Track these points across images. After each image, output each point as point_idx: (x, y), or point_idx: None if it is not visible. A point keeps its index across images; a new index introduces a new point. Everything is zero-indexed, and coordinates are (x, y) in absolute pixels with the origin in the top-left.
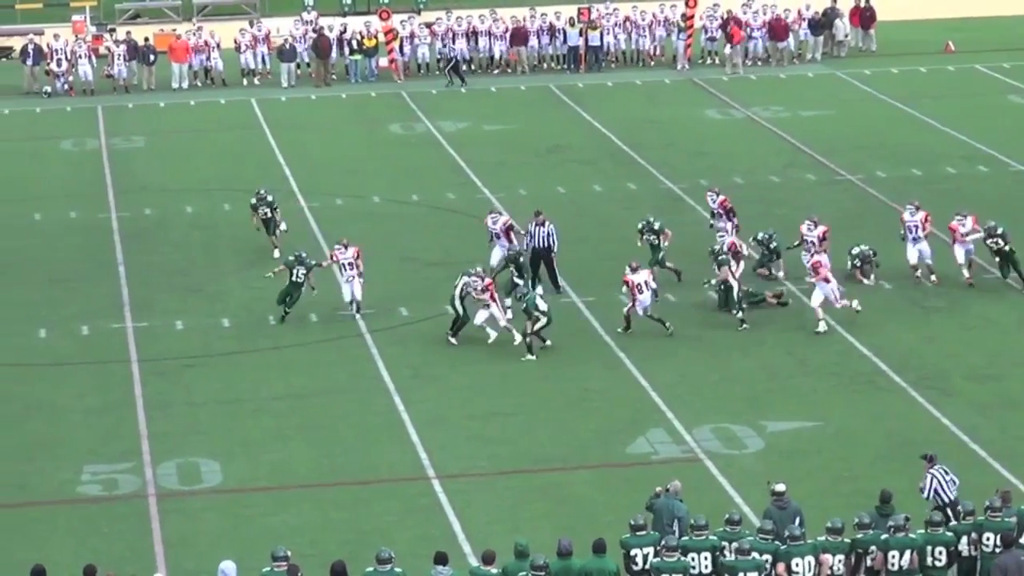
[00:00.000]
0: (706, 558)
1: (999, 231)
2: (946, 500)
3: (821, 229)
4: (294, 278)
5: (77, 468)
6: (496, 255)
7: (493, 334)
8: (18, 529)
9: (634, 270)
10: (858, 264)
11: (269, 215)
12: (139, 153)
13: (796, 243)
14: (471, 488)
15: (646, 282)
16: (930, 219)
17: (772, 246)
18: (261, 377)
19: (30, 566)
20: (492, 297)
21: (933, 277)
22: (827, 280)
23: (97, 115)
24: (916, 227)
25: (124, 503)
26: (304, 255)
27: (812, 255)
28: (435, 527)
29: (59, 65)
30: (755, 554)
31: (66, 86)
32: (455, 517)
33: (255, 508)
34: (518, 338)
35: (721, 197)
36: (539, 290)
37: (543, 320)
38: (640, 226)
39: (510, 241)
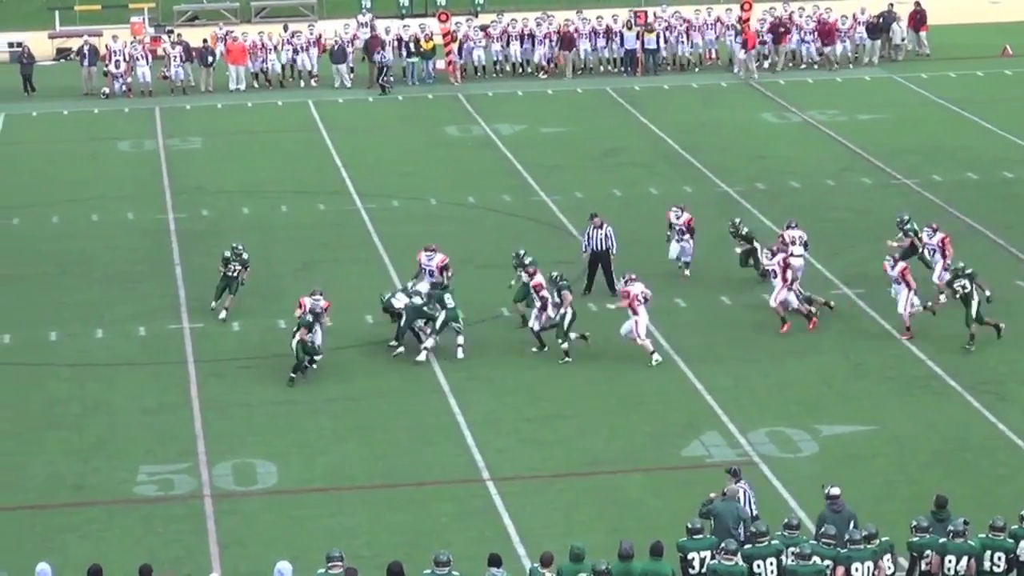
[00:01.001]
0: (771, 564)
1: (967, 271)
2: (748, 515)
3: (780, 257)
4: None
5: (134, 468)
6: (423, 288)
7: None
8: (75, 529)
9: (532, 275)
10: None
11: (236, 272)
12: (196, 154)
13: (761, 272)
14: (525, 490)
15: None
16: (948, 241)
17: (744, 232)
18: (317, 378)
19: (87, 566)
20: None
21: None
22: (636, 313)
23: (155, 116)
24: (934, 250)
25: (180, 503)
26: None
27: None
28: (489, 529)
29: (117, 67)
30: (816, 559)
31: (124, 87)
32: (509, 519)
33: (311, 509)
34: (400, 349)
35: (687, 215)
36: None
37: (403, 319)
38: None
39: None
